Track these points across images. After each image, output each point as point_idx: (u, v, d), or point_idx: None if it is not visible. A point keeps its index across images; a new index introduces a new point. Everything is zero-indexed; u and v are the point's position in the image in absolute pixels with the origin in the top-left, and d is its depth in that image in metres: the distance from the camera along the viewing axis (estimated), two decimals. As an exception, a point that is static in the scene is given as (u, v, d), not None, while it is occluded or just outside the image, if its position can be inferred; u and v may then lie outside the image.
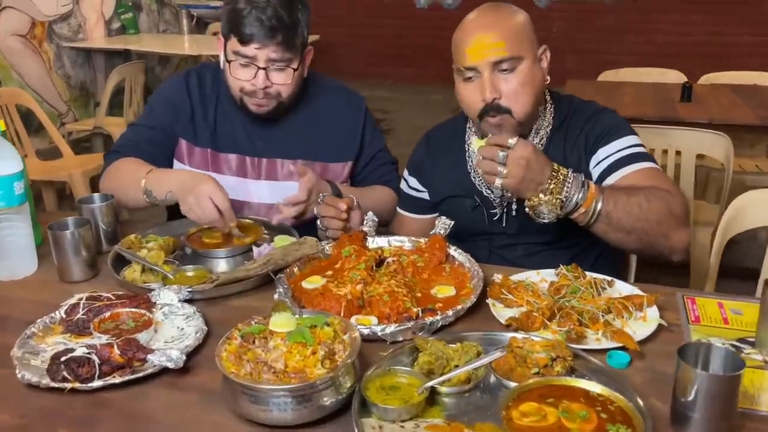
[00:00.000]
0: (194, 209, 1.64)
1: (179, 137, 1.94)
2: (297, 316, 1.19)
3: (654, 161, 1.71)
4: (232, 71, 1.79)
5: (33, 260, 1.64)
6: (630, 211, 1.52)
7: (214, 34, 7.23)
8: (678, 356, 1.04)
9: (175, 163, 1.95)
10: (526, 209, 1.53)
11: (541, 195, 1.49)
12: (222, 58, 1.85)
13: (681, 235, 1.59)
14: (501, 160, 1.47)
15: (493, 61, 1.61)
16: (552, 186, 1.48)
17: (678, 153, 2.88)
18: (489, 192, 1.80)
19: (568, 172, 1.51)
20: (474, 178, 1.83)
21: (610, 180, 1.66)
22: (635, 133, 1.75)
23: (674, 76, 4.08)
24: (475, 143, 1.59)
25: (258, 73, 1.76)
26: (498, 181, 1.49)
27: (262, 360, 1.09)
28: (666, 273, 2.81)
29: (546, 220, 1.52)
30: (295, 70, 1.80)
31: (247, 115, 1.89)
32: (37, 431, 1.11)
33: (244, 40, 1.73)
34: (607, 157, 1.70)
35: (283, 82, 1.80)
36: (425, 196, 1.95)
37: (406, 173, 2.00)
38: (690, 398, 1.03)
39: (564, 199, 1.49)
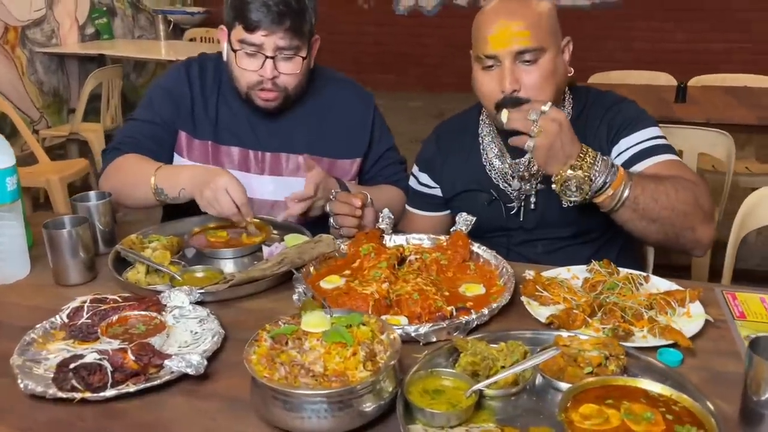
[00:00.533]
0: (213, 204, 1.55)
1: (179, 130, 1.83)
2: (329, 315, 1.09)
3: (676, 153, 1.65)
4: (238, 61, 1.69)
5: (26, 262, 1.52)
6: (657, 199, 1.47)
7: (191, 40, 7.10)
8: (749, 350, 0.97)
9: (175, 156, 1.84)
10: (553, 185, 1.48)
11: (569, 171, 1.45)
12: (225, 49, 1.75)
13: (707, 230, 1.54)
14: (534, 118, 1.43)
15: (517, 51, 1.54)
16: (581, 163, 1.45)
17: (679, 152, 2.86)
18: (506, 185, 1.73)
19: (596, 153, 1.48)
20: (489, 171, 1.76)
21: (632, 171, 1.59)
22: (657, 125, 1.69)
23: (665, 79, 4.08)
24: (504, 114, 1.51)
25: (266, 63, 1.67)
26: (530, 142, 1.44)
27: (299, 363, 0.99)
28: (664, 275, 2.78)
29: (572, 199, 1.47)
30: (303, 58, 1.71)
31: (251, 107, 1.79)
32: (44, 446, 1.00)
33: (250, 27, 1.64)
34: (629, 148, 1.64)
35: (291, 71, 1.70)
36: (437, 192, 1.86)
37: (415, 169, 1.92)
38: (764, 396, 0.95)
39: (592, 178, 1.45)
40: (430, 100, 7.77)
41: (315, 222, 1.75)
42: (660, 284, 1.41)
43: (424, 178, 1.88)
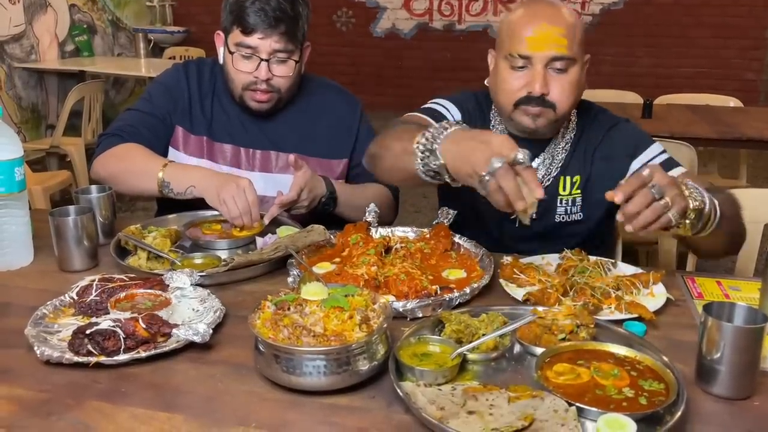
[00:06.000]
0: (228, 202, 1.65)
1: (176, 125, 1.93)
2: (326, 287, 1.19)
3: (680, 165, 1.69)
4: (234, 63, 1.80)
5: (30, 250, 1.60)
6: (724, 203, 1.42)
7: (171, 58, 7.18)
8: (704, 312, 1.09)
9: (170, 150, 1.93)
10: (688, 222, 1.32)
11: (692, 202, 1.30)
12: (221, 53, 1.86)
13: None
14: (657, 194, 1.24)
15: (552, 57, 1.55)
16: (690, 191, 1.32)
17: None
18: None
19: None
20: None
21: None
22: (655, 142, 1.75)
23: (632, 97, 4.27)
24: None
25: (260, 65, 1.78)
26: (671, 214, 1.25)
27: (300, 324, 1.08)
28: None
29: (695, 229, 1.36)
30: (296, 62, 1.82)
31: (243, 109, 1.90)
32: (63, 403, 1.07)
33: (247, 30, 1.75)
34: (646, 163, 1.66)
35: (284, 74, 1.82)
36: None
37: (447, 103, 1.77)
38: (717, 352, 1.07)
39: (705, 200, 1.33)
40: (405, 120, 7.92)
41: (307, 219, 1.85)
42: (626, 270, 1.53)
43: (456, 114, 1.77)
